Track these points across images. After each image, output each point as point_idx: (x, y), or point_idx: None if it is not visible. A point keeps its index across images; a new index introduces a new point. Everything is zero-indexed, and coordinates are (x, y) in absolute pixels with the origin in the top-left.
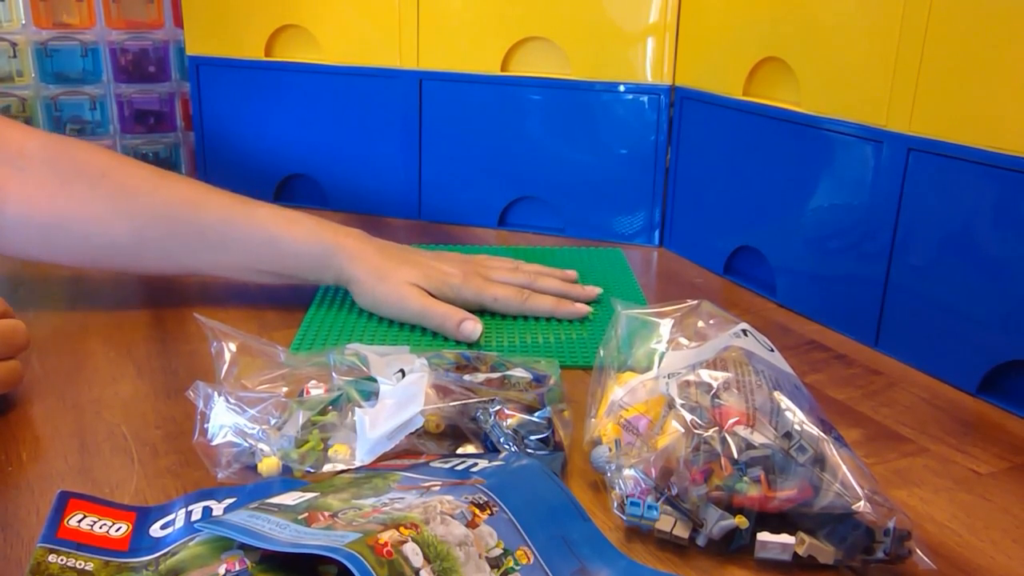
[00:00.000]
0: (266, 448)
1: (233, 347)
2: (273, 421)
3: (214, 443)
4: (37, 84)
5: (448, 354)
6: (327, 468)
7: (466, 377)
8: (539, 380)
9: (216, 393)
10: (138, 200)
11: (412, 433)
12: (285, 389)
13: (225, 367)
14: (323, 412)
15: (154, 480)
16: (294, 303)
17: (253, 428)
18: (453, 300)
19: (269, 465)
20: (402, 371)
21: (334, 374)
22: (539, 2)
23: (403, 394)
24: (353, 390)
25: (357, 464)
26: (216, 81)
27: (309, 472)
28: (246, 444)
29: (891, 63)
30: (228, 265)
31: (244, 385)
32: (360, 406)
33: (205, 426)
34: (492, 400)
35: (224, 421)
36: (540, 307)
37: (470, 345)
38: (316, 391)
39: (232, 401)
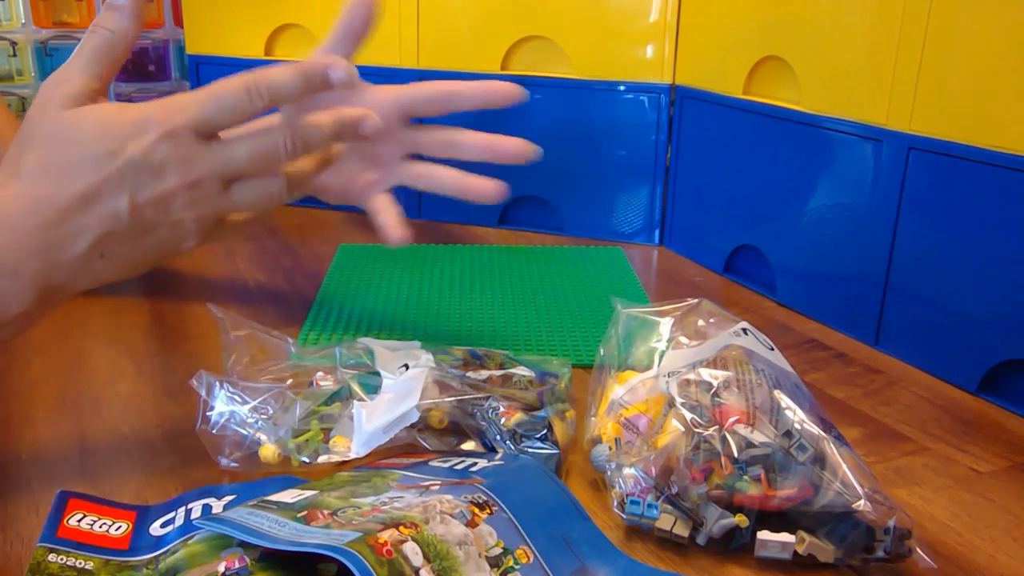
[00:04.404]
0: (264, 438)
1: (242, 337)
2: (272, 411)
3: (216, 431)
4: (37, 83)
5: (456, 351)
6: (323, 459)
7: (469, 374)
8: (543, 379)
9: (218, 382)
10: None
11: (413, 428)
12: (290, 380)
13: (233, 357)
14: (328, 404)
15: (154, 479)
16: (295, 302)
17: (253, 417)
18: None
19: (269, 452)
20: (406, 366)
21: (339, 367)
22: (539, 1)
23: (401, 388)
24: (356, 383)
25: (352, 456)
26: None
27: (306, 463)
28: (247, 433)
29: (891, 62)
30: None
31: (251, 376)
32: (362, 399)
33: (207, 414)
34: (489, 397)
35: (226, 410)
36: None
37: (480, 344)
38: (325, 383)
39: (233, 391)
